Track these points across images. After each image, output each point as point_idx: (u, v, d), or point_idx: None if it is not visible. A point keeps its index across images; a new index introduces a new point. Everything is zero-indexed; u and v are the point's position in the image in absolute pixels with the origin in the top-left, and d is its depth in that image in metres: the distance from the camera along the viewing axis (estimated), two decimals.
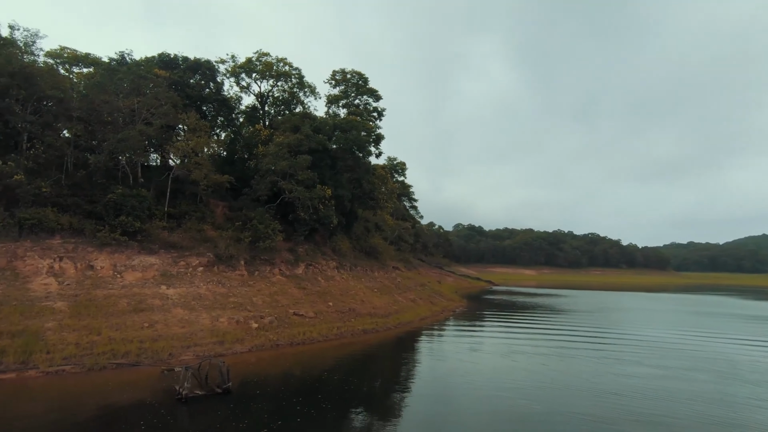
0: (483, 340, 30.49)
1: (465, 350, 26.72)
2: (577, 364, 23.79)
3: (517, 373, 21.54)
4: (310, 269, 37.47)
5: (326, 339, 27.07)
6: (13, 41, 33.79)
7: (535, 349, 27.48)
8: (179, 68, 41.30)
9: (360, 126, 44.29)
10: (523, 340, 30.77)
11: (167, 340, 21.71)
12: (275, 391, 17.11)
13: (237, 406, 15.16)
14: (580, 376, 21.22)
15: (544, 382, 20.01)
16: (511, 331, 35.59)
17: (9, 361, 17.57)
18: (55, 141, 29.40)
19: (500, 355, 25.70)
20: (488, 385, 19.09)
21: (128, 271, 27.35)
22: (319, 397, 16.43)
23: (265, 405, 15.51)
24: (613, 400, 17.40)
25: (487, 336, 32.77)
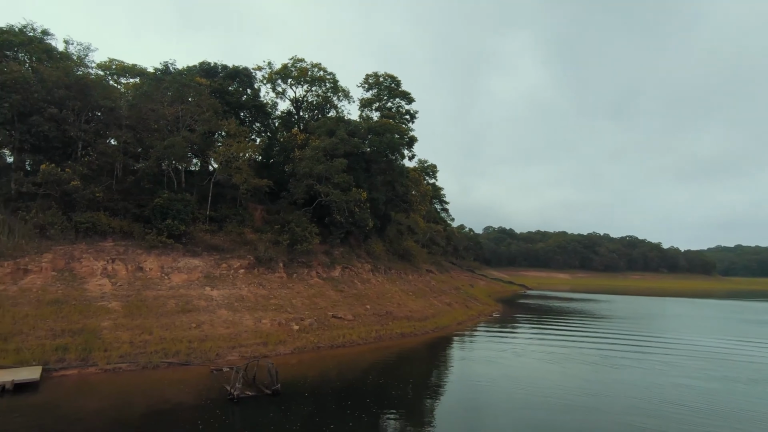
0: (524, 346, 29.69)
1: (507, 355, 26.09)
2: (629, 373, 22.78)
3: (569, 380, 20.83)
4: (346, 272, 37.66)
5: (365, 342, 27.06)
6: (69, 55, 35.85)
7: (581, 356, 26.53)
8: (219, 76, 42.62)
9: (394, 129, 44.27)
10: (566, 346, 29.77)
11: (214, 340, 22.26)
12: (323, 394, 17.18)
13: (287, 408, 15.30)
14: (635, 385, 20.29)
15: (597, 390, 19.23)
16: (552, 336, 34.53)
17: (71, 358, 18.45)
18: (107, 148, 30.84)
19: (546, 361, 24.96)
20: (539, 392, 18.50)
21: (174, 273, 28.29)
22: (368, 401, 16.38)
23: (314, 407, 15.58)
24: (677, 413, 16.46)
25: (528, 341, 31.90)
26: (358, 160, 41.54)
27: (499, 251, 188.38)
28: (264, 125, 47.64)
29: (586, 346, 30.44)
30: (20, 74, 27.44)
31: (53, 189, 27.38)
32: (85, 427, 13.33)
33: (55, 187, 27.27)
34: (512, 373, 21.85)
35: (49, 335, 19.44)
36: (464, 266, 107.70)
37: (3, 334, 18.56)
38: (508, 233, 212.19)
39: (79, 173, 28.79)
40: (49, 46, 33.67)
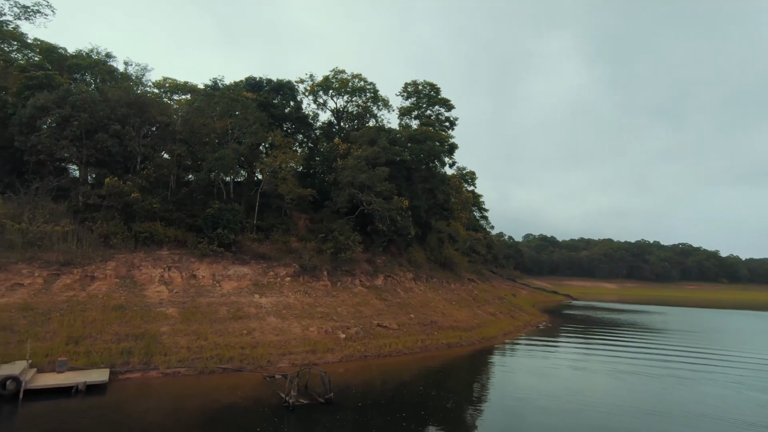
0: (580, 359, 28.29)
1: (563, 369, 24.90)
2: (700, 389, 21.09)
3: (640, 397, 19.54)
4: (389, 280, 37.51)
5: (412, 352, 26.69)
6: (129, 75, 38.32)
7: (644, 370, 24.92)
8: (264, 90, 44.07)
9: (434, 136, 44.05)
10: (627, 361, 28.09)
11: (265, 347, 22.66)
12: (375, 404, 17.00)
13: (341, 417, 15.22)
14: (707, 403, 18.73)
15: (671, 409, 17.88)
16: (609, 349, 32.71)
17: (135, 361, 19.31)
18: (163, 162, 32.50)
19: (608, 376, 23.60)
20: (608, 409, 17.42)
21: (225, 280, 29.19)
22: (422, 413, 16.02)
23: (367, 417, 15.41)
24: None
25: (583, 354, 30.38)
26: (399, 168, 41.54)
27: (541, 260, 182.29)
28: (306, 136, 48.71)
29: (648, 360, 28.61)
30: (88, 95, 29.50)
31: (116, 201, 29.08)
32: (152, 428, 13.80)
33: (117, 198, 28.95)
34: (573, 387, 20.78)
35: (114, 339, 20.46)
36: (505, 275, 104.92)
37: (75, 337, 19.73)
38: (550, 241, 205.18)
39: (138, 185, 30.45)
40: (111, 68, 36.15)
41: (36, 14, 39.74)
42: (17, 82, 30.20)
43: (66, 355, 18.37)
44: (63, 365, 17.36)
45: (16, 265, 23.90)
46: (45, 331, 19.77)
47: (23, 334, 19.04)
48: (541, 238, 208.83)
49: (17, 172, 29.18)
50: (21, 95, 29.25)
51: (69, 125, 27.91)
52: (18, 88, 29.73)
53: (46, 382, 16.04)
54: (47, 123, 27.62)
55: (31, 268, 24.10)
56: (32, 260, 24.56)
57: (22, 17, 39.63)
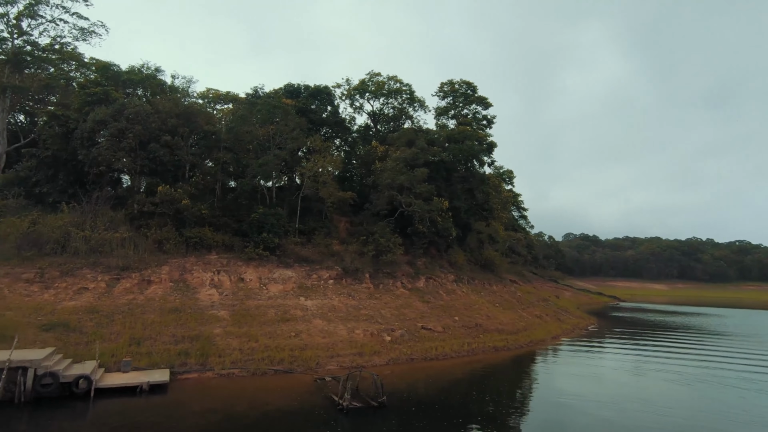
0: (638, 363, 26.85)
1: (622, 374, 23.67)
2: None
3: (716, 406, 18.21)
4: (431, 282, 37.13)
5: (458, 355, 26.21)
6: (176, 88, 40.08)
7: (715, 378, 23.21)
8: (302, 96, 44.90)
9: (473, 135, 43.31)
10: (686, 365, 26.35)
11: (313, 349, 22.90)
12: (428, 407, 16.74)
13: (397, 421, 15.06)
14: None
15: (753, 419, 16.54)
16: (668, 354, 30.82)
17: (192, 362, 20.00)
18: (210, 169, 33.71)
19: (673, 382, 22.19)
20: (679, 420, 16.33)
21: (271, 283, 29.81)
22: (479, 419, 15.61)
23: (422, 422, 15.18)
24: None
25: (641, 358, 28.82)
26: (438, 169, 41.12)
27: (582, 260, 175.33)
28: (343, 140, 49.20)
29: (717, 366, 26.69)
30: (141, 108, 31.06)
31: (168, 208, 30.37)
32: (212, 427, 14.18)
33: (169, 206, 30.23)
34: (635, 395, 19.64)
35: (171, 340, 21.30)
36: (546, 276, 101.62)
37: (136, 338, 20.69)
38: (592, 240, 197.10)
39: (187, 193, 31.73)
40: (161, 81, 37.96)
41: (91, 35, 42.44)
42: (78, 99, 32.22)
43: (129, 355, 19.27)
44: (127, 365, 18.21)
45: (81, 270, 25.44)
46: (109, 332, 20.85)
47: (91, 335, 20.19)
48: (582, 237, 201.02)
49: (80, 183, 31.09)
50: (82, 111, 31.19)
51: (125, 137, 29.46)
52: (79, 104, 31.72)
53: (114, 382, 16.86)
54: (105, 136, 29.24)
55: (95, 272, 25.56)
56: (95, 265, 26.05)
57: (80, 39, 42.40)
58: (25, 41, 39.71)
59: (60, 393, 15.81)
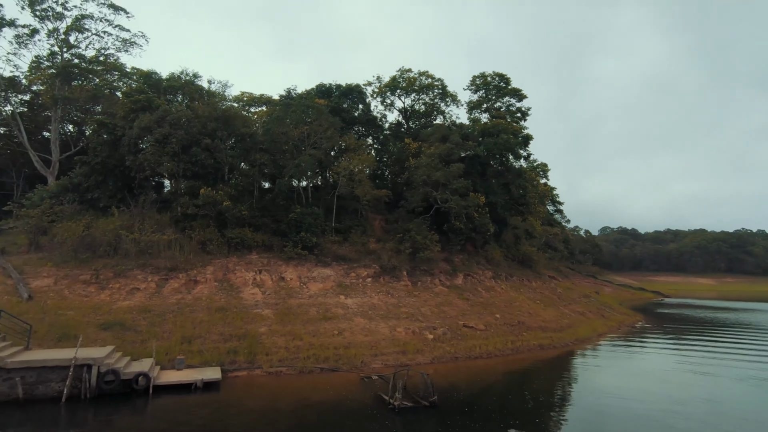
0: (702, 362, 25.34)
1: (685, 373, 22.43)
2: None
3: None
4: (469, 279, 36.52)
5: (502, 354, 25.59)
6: (213, 92, 41.11)
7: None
8: (334, 95, 45.11)
9: (508, 129, 42.26)
10: (755, 365, 24.69)
11: (357, 347, 22.91)
12: (482, 408, 16.32)
13: (450, 422, 14.77)
14: None
15: None
16: (728, 351, 29.05)
17: (241, 360, 20.41)
18: (248, 171, 34.35)
19: (737, 380, 20.81)
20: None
21: (311, 282, 30.08)
22: (537, 422, 15.10)
23: (476, 423, 14.82)
24: None
25: (704, 357, 27.20)
26: (473, 164, 40.37)
27: (621, 254, 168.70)
28: (375, 138, 49.12)
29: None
30: (182, 113, 31.99)
31: (210, 209, 31.14)
32: (266, 424, 14.36)
33: (211, 207, 30.99)
34: (708, 396, 18.42)
35: (220, 339, 21.81)
36: (583, 272, 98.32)
37: (187, 337, 21.30)
38: (631, 234, 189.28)
39: (227, 194, 32.44)
40: (199, 87, 39.03)
41: (132, 45, 44.22)
42: (123, 107, 33.54)
43: (181, 353, 19.84)
44: (181, 363, 18.76)
45: (132, 271, 26.46)
46: (162, 331, 21.57)
47: (145, 334, 20.94)
48: (620, 230, 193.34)
49: (128, 187, 32.38)
50: (127, 118, 32.43)
51: (168, 142, 30.41)
52: (124, 112, 33.00)
53: (170, 379, 17.39)
54: (150, 142, 30.29)
55: (145, 273, 26.53)
56: (145, 266, 27.03)
57: (122, 50, 44.28)
58: (72, 54, 41.85)
59: (121, 389, 16.44)
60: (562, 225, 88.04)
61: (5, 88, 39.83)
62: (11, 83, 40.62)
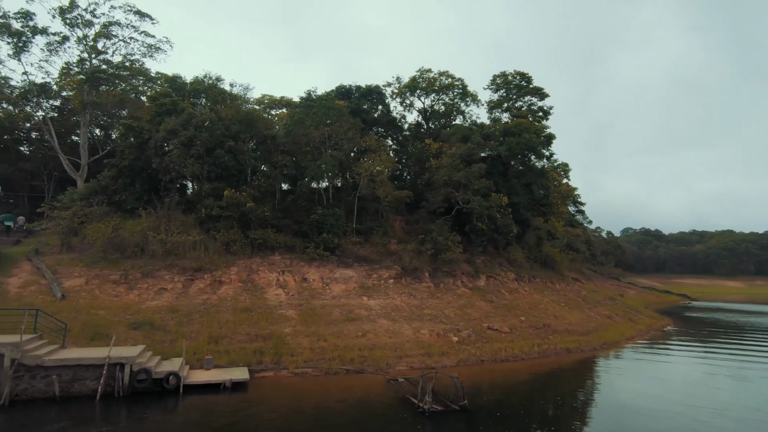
0: (734, 366, 24.37)
1: (723, 378, 21.55)
2: None
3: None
4: (491, 281, 36.01)
5: (529, 357, 25.09)
6: (234, 95, 41.62)
7: None
8: (353, 96, 45.15)
9: (530, 128, 41.55)
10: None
11: (381, 349, 22.76)
12: (513, 413, 16.03)
13: (485, 428, 14.47)
14: None
15: None
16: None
17: (267, 361, 20.49)
18: (271, 172, 34.61)
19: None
20: None
21: (333, 283, 30.08)
22: (573, 428, 14.68)
23: (513, 430, 14.47)
24: None
25: (734, 361, 26.17)
26: (495, 164, 39.83)
27: (644, 256, 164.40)
28: (394, 138, 48.98)
29: None
30: (207, 116, 32.45)
31: (233, 211, 31.44)
32: (295, 425, 14.32)
33: (235, 209, 31.30)
34: (755, 405, 17.66)
35: (246, 339, 21.95)
36: (606, 273, 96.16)
37: (214, 336, 21.50)
38: (654, 235, 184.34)
39: (250, 196, 32.73)
40: (222, 90, 39.56)
41: (157, 51, 45.13)
42: (150, 111, 34.22)
43: (209, 353, 20.02)
44: (209, 363, 18.93)
45: (159, 272, 26.89)
46: (189, 330, 21.82)
47: (173, 334, 21.22)
48: (643, 231, 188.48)
49: (154, 189, 32.98)
50: (153, 121, 33.06)
51: (193, 145, 30.86)
52: (151, 115, 33.66)
53: (199, 379, 17.55)
54: (176, 144, 30.79)
55: (171, 274, 26.93)
56: (171, 267, 27.45)
57: (147, 55, 45.24)
58: (100, 60, 42.96)
59: (152, 388, 16.65)
60: (584, 226, 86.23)
61: (37, 94, 41.15)
62: (43, 89, 41.93)
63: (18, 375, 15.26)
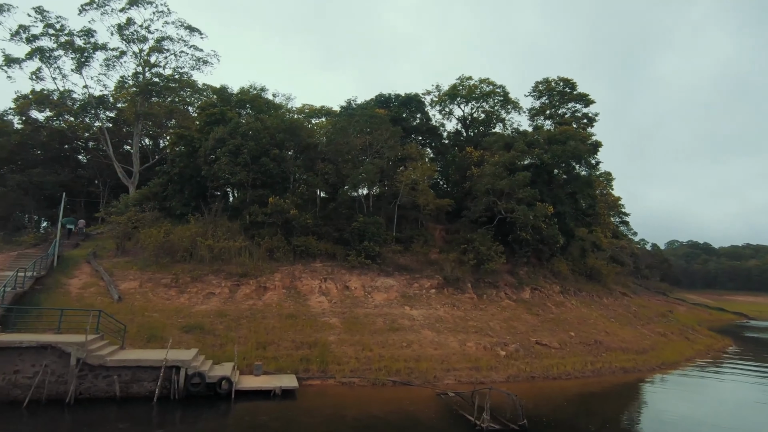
0: None
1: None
2: None
3: None
4: (536, 293, 34.70)
5: (582, 375, 23.80)
6: (278, 105, 42.58)
7: None
8: (393, 105, 45.20)
9: (576, 135, 40.18)
10: None
11: (427, 361, 22.19)
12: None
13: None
14: None
15: None
16: None
17: (314, 369, 20.36)
18: (313, 180, 34.98)
19: None
20: None
21: (375, 292, 29.81)
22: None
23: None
24: None
25: None
26: (539, 173, 38.63)
27: (692, 270, 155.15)
28: (432, 147, 48.60)
29: None
30: (253, 125, 33.25)
31: (277, 218, 31.91)
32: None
33: (278, 216, 31.76)
34: None
35: (292, 346, 21.95)
36: (651, 288, 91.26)
37: (261, 342, 21.63)
38: (703, 248, 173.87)
39: (293, 203, 33.15)
40: (266, 100, 40.58)
41: (205, 64, 46.91)
42: (199, 120, 35.46)
43: (257, 359, 20.10)
44: (259, 369, 18.98)
45: (207, 276, 27.49)
46: (238, 335, 22.05)
47: (223, 338, 21.50)
48: (690, 244, 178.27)
49: (202, 196, 33.99)
50: (203, 131, 34.19)
51: (240, 153, 31.64)
52: (200, 124, 34.84)
53: (250, 384, 17.60)
54: (224, 152, 31.64)
55: (218, 279, 27.48)
56: (218, 272, 28.01)
57: (195, 68, 47.10)
58: (152, 73, 45.09)
59: (206, 392, 16.82)
60: (629, 237, 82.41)
61: (96, 105, 43.59)
62: (101, 101, 44.38)
63: (82, 374, 15.78)
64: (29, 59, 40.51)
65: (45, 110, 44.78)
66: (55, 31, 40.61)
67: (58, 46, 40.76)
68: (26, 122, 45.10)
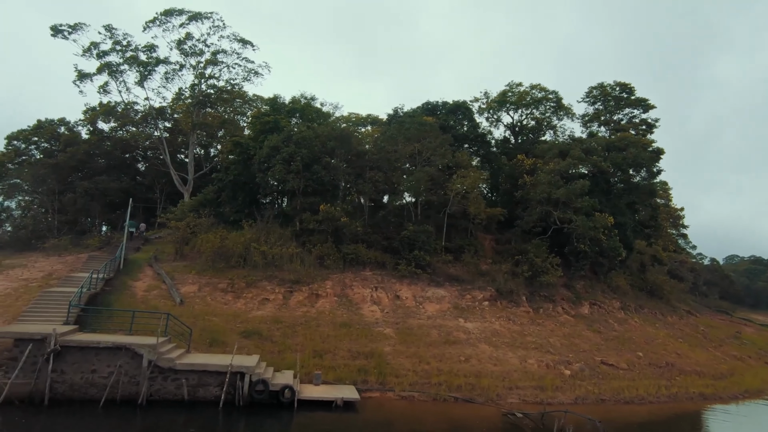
0: None
1: None
2: None
3: None
4: (595, 309, 32.80)
5: (657, 400, 21.96)
6: (326, 114, 43.08)
7: None
8: (440, 113, 44.64)
9: (637, 142, 38.01)
10: None
11: (488, 377, 21.19)
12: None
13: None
14: None
15: None
16: None
17: (372, 381, 19.87)
18: (363, 187, 34.89)
19: None
20: None
21: (426, 302, 29.09)
22: None
23: None
24: None
25: None
26: (597, 181, 36.76)
27: (755, 288, 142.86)
28: (480, 154, 47.51)
29: None
30: (305, 133, 33.66)
31: (328, 225, 31.96)
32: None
33: (329, 223, 31.79)
34: None
35: (348, 356, 21.59)
36: (712, 306, 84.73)
37: (318, 350, 21.41)
38: (767, 264, 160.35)
39: (344, 210, 33.11)
40: (316, 109, 41.16)
41: (256, 75, 48.27)
42: (252, 129, 36.32)
43: (315, 368, 19.84)
44: (318, 378, 18.71)
45: (261, 282, 27.76)
46: (294, 343, 21.96)
47: (280, 345, 21.48)
48: (753, 260, 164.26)
49: (255, 203, 34.67)
50: (257, 139, 34.98)
51: (293, 161, 32.03)
52: (253, 133, 35.68)
53: (311, 394, 17.33)
54: (278, 160, 32.14)
55: (272, 285, 27.68)
56: (272, 278, 28.24)
57: (247, 79, 48.56)
58: (207, 85, 46.89)
59: (268, 400, 16.68)
60: (688, 251, 77.25)
61: (156, 116, 45.78)
62: (160, 112, 46.57)
63: (153, 376, 16.06)
64: (98, 74, 43.15)
65: (110, 121, 47.45)
66: (121, 47, 43.10)
67: (124, 61, 43.18)
68: (93, 132, 47.94)
